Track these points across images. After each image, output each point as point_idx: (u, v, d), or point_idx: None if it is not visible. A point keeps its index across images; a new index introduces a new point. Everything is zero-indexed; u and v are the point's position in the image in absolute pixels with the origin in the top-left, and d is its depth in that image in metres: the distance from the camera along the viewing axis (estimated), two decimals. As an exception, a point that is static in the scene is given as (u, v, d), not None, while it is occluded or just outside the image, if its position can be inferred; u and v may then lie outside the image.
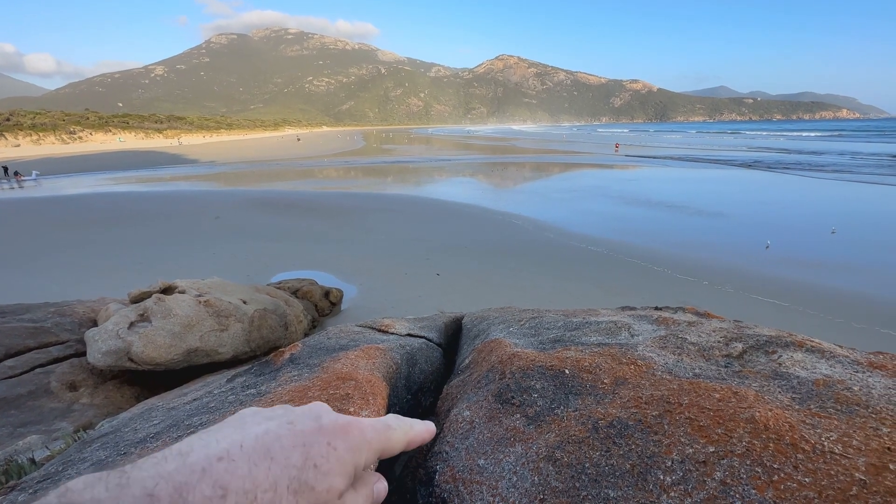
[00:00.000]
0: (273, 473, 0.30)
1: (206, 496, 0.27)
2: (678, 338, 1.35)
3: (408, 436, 0.43)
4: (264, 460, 0.31)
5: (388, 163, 30.60)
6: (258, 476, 0.30)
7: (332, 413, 0.38)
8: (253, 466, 0.30)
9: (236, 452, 0.30)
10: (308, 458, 0.32)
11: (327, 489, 0.33)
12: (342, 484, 0.34)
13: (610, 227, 10.78)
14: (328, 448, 0.34)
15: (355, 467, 0.36)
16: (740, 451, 0.78)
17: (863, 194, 15.21)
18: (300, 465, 0.32)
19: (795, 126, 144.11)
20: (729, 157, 30.35)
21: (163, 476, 0.27)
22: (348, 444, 0.35)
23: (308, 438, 0.34)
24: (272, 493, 0.30)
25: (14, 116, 67.27)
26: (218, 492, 0.27)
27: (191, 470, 0.28)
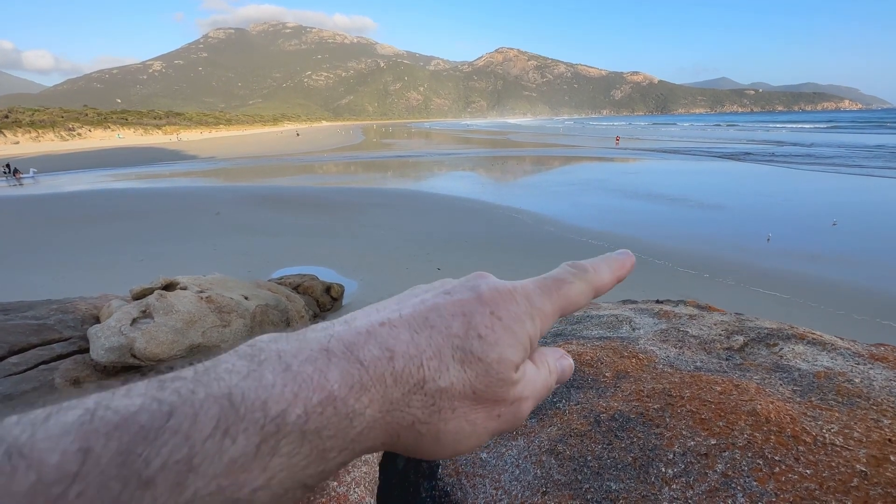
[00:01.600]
0: (435, 341, 0.28)
1: (375, 356, 0.26)
2: (679, 331, 1.35)
3: (593, 283, 0.35)
4: (425, 328, 0.28)
5: (388, 157, 30.52)
6: (421, 343, 0.28)
7: (494, 280, 0.33)
8: (414, 333, 0.28)
9: (396, 319, 0.28)
10: (470, 328, 0.29)
11: (498, 359, 0.29)
12: (515, 356, 0.30)
13: (610, 220, 10.77)
14: (492, 317, 0.30)
15: (529, 337, 0.31)
16: (742, 443, 0.79)
17: (863, 186, 15.16)
18: (462, 335, 0.29)
19: (797, 117, 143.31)
20: (728, 150, 30.23)
21: (334, 335, 0.26)
22: (514, 313, 0.31)
23: (468, 307, 0.30)
24: (437, 361, 0.27)
25: (13, 113, 67.10)
26: (386, 353, 0.26)
27: (357, 332, 0.27)
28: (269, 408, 0.21)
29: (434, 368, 0.27)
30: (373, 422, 0.25)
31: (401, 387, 0.26)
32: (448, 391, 0.28)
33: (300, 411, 0.22)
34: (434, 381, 0.27)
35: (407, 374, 0.26)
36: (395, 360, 0.26)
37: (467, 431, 0.29)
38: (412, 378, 0.27)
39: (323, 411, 0.23)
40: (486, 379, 0.29)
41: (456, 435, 0.28)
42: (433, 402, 0.27)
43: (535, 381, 0.32)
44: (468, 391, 0.28)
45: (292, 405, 0.22)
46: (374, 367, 0.26)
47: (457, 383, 0.28)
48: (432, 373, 0.27)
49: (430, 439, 0.28)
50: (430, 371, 0.27)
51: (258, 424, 0.21)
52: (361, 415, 0.24)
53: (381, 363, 0.26)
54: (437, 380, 0.27)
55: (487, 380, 0.29)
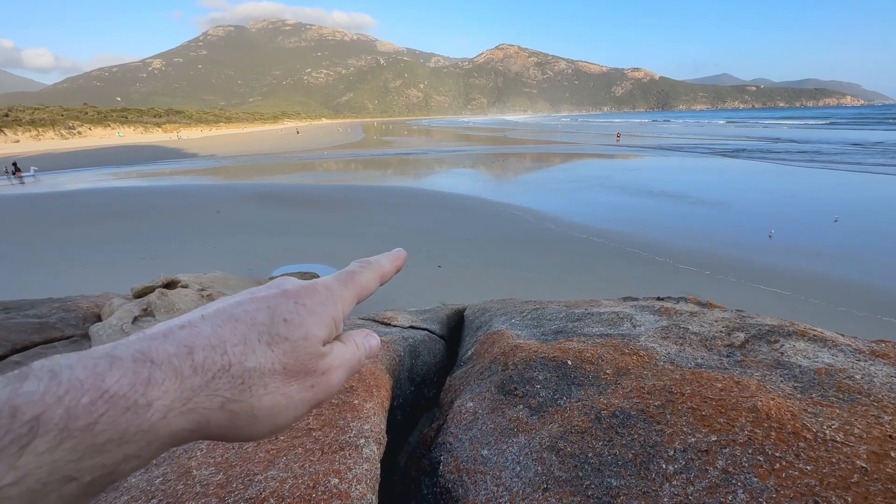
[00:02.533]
0: (240, 331, 0.30)
1: (171, 353, 0.27)
2: (680, 328, 1.35)
3: (377, 272, 0.42)
4: (229, 322, 0.31)
5: (388, 155, 30.47)
6: (224, 334, 0.30)
7: (296, 280, 0.37)
8: (217, 328, 0.30)
9: (197, 321, 0.30)
10: (276, 315, 0.32)
11: (304, 336, 0.32)
12: (321, 332, 0.34)
13: (611, 217, 10.75)
14: (296, 305, 0.33)
15: (333, 318, 0.35)
16: (742, 439, 0.79)
17: (864, 183, 15.12)
18: (268, 322, 0.32)
19: (798, 113, 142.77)
20: (728, 147, 30.14)
21: (121, 343, 0.27)
22: (317, 299, 0.35)
23: (272, 301, 0.33)
24: (243, 346, 0.30)
25: (13, 112, 67.06)
26: (183, 349, 0.28)
27: (150, 337, 0.28)
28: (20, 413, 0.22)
29: (240, 353, 0.29)
30: (166, 411, 0.26)
31: (202, 375, 0.28)
32: (257, 370, 0.30)
33: (61, 412, 0.23)
34: (241, 364, 0.29)
35: (209, 363, 0.28)
36: (194, 354, 0.28)
37: (283, 404, 0.31)
38: (215, 365, 0.28)
39: (94, 409, 0.24)
40: (294, 354, 0.32)
41: (273, 409, 0.31)
42: (242, 381, 0.29)
43: (343, 355, 0.36)
44: (278, 367, 0.31)
45: (52, 407, 0.23)
46: (169, 362, 0.27)
47: (265, 362, 0.30)
48: (238, 357, 0.29)
49: (246, 417, 0.30)
50: (235, 356, 0.29)
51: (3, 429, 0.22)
52: (148, 406, 0.25)
53: (178, 358, 0.27)
54: (244, 362, 0.29)
55: (296, 355, 0.32)
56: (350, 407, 1.08)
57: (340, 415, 1.04)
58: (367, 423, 1.03)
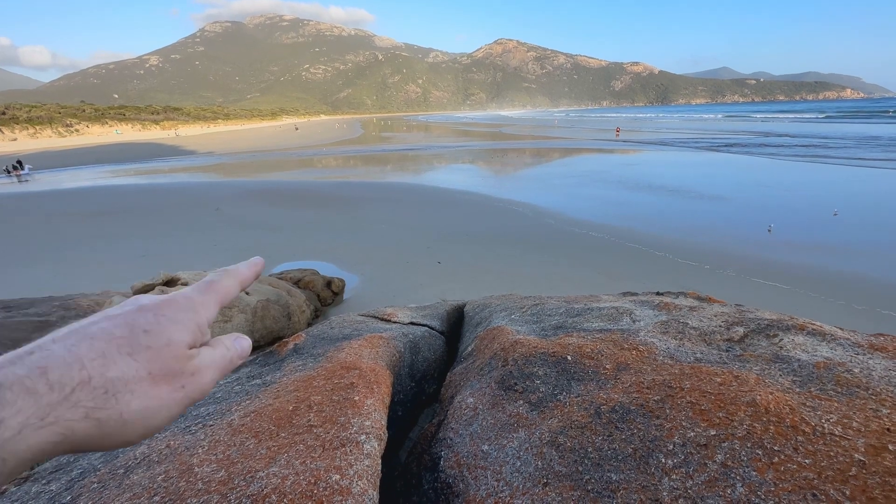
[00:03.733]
0: (97, 347, 0.31)
1: (20, 375, 0.27)
2: (680, 323, 1.35)
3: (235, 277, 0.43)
4: (84, 340, 0.31)
5: (387, 151, 30.39)
6: (80, 351, 0.30)
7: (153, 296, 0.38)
8: (72, 347, 0.30)
9: (48, 344, 0.30)
10: (135, 328, 0.33)
11: (167, 343, 0.33)
12: (184, 337, 0.35)
13: (610, 212, 10.74)
14: (155, 316, 0.34)
15: (196, 324, 0.36)
16: (741, 433, 0.79)
17: (864, 177, 15.10)
18: (127, 335, 0.32)
19: (796, 107, 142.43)
20: (726, 141, 30.07)
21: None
22: (176, 308, 0.36)
23: (129, 317, 0.34)
24: (102, 360, 0.30)
25: (9, 110, 66.73)
26: (35, 371, 0.28)
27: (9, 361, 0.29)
28: None
29: (99, 365, 0.30)
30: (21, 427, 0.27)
31: (60, 391, 0.28)
32: (121, 378, 0.31)
33: None
34: (102, 375, 0.30)
35: (66, 378, 0.29)
36: (48, 373, 0.28)
37: (155, 406, 0.32)
38: (73, 380, 0.29)
39: None
40: (159, 360, 0.33)
41: (144, 412, 0.32)
42: (105, 390, 0.30)
43: (212, 356, 0.37)
44: (143, 374, 0.32)
45: None
46: (20, 383, 0.27)
47: (128, 371, 0.31)
48: (98, 369, 0.30)
49: (114, 423, 0.30)
50: (94, 369, 0.30)
51: None
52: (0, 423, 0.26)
53: (30, 379, 0.28)
54: (105, 373, 0.30)
55: (161, 360, 0.33)
56: (351, 403, 1.08)
57: (341, 411, 1.04)
58: (367, 419, 1.03)
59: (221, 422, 1.10)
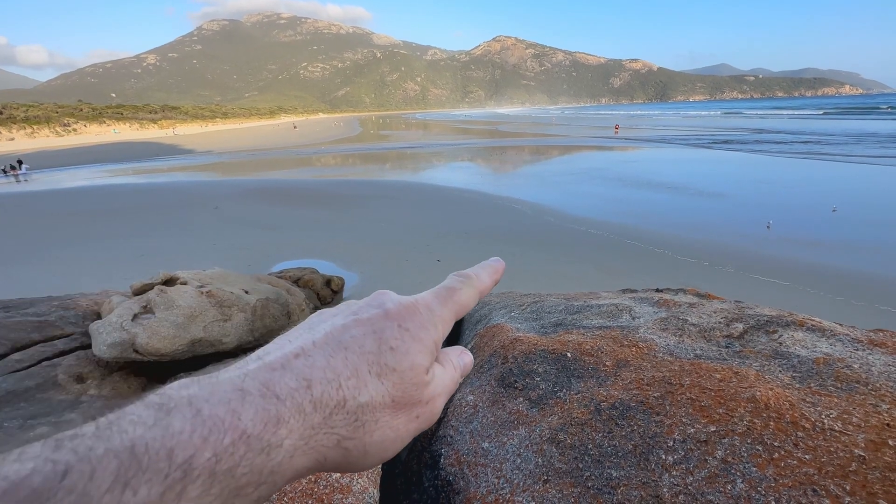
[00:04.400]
0: (351, 362, 0.30)
1: (292, 388, 0.27)
2: (679, 319, 1.35)
3: (477, 287, 0.40)
4: (339, 350, 0.30)
5: (386, 149, 30.35)
6: (337, 366, 0.29)
7: (396, 296, 0.36)
8: (329, 358, 0.30)
9: (310, 348, 0.30)
10: (382, 343, 0.32)
11: (410, 367, 0.32)
12: (425, 360, 0.33)
13: (610, 209, 10.74)
14: (400, 330, 0.33)
15: (434, 342, 0.35)
16: (741, 430, 0.79)
17: (862, 173, 15.11)
18: (376, 350, 0.31)
19: (795, 103, 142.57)
20: (725, 138, 30.06)
21: (248, 374, 0.27)
22: (419, 322, 0.34)
23: (377, 325, 0.33)
24: (356, 380, 0.29)
25: (7, 109, 66.50)
26: (303, 383, 0.28)
27: (271, 367, 0.28)
28: (175, 455, 0.21)
29: (353, 387, 0.29)
30: (293, 450, 0.26)
31: (321, 411, 0.28)
32: (369, 405, 0.30)
33: (209, 454, 0.22)
34: (355, 399, 0.29)
35: (326, 398, 0.28)
36: (312, 388, 0.28)
37: (392, 437, 0.31)
38: (332, 401, 0.28)
39: (235, 451, 0.23)
40: (402, 386, 0.31)
41: (382, 443, 0.31)
42: (356, 418, 0.29)
43: (443, 379, 0.36)
44: (387, 401, 0.31)
45: (201, 449, 0.22)
46: (292, 398, 0.27)
47: (376, 396, 0.30)
48: (352, 391, 0.29)
49: (357, 453, 0.30)
50: (349, 390, 0.29)
51: (162, 473, 0.21)
52: (279, 447, 0.25)
53: (299, 393, 0.27)
54: (358, 397, 0.29)
55: (403, 386, 0.32)
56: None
57: (341, 409, 1.04)
58: (367, 417, 1.03)
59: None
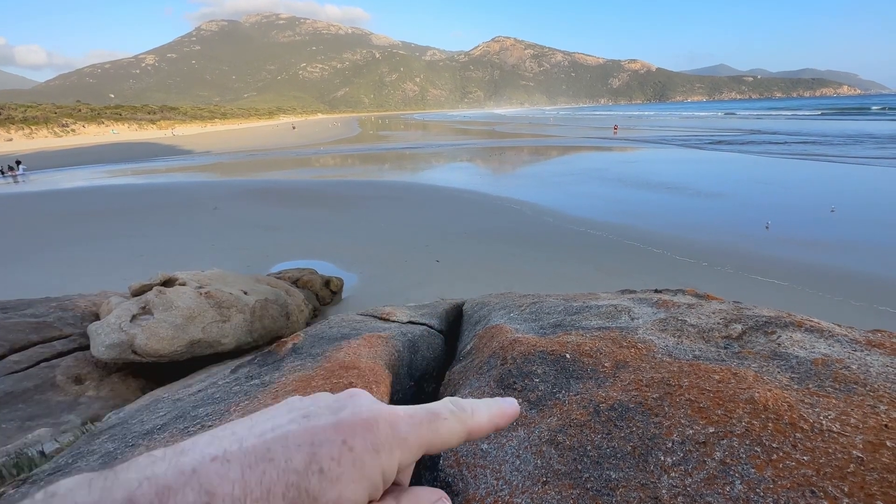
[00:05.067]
0: (268, 478, 0.26)
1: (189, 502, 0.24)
2: (678, 320, 1.36)
3: (467, 424, 0.33)
4: (261, 462, 0.27)
5: (385, 150, 30.36)
6: (250, 481, 0.26)
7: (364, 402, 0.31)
8: (247, 469, 0.26)
9: (233, 452, 0.27)
10: (313, 461, 0.27)
11: (335, 499, 0.27)
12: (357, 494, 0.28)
13: (609, 209, 10.75)
14: (342, 448, 0.28)
15: (382, 471, 0.29)
16: (740, 431, 0.79)
17: (860, 174, 15.15)
18: (301, 470, 0.27)
19: (793, 104, 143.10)
20: (724, 139, 30.12)
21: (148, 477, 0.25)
22: (370, 443, 0.29)
23: (319, 436, 0.28)
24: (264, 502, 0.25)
25: (5, 110, 66.38)
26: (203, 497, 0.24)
27: (180, 471, 0.25)
28: None
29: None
30: None
31: None
32: None
33: None
34: None
35: None
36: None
37: None
38: None
39: None
40: None
41: None
42: None
43: None
44: None
45: None
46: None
47: None
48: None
49: None
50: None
51: None
52: None
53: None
54: None
55: None
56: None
57: (340, 411, 1.04)
58: (366, 418, 1.03)
59: (220, 422, 1.09)
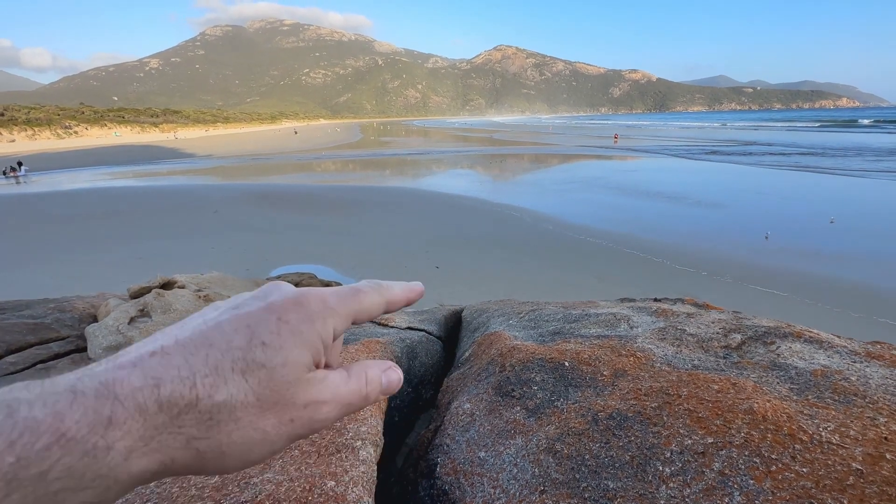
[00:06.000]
0: (213, 359, 0.28)
1: (136, 387, 0.25)
2: (677, 329, 1.35)
3: (385, 296, 0.37)
4: (202, 348, 0.28)
5: (386, 155, 30.47)
6: (195, 363, 0.27)
7: (288, 288, 0.33)
8: (189, 356, 0.28)
9: (170, 346, 0.28)
10: (254, 337, 0.29)
11: (283, 363, 0.29)
12: (303, 357, 0.30)
13: (608, 218, 10.78)
14: (278, 323, 0.30)
15: (320, 338, 0.32)
16: (739, 441, 0.79)
17: (860, 186, 15.21)
18: (244, 346, 0.29)
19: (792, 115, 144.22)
20: (724, 149, 30.27)
21: (87, 374, 0.26)
22: (304, 315, 0.31)
23: (254, 318, 0.30)
24: (213, 377, 0.27)
25: (8, 111, 66.66)
26: (150, 382, 0.26)
27: (119, 366, 0.26)
28: None
29: (209, 385, 0.27)
30: (127, 453, 0.24)
31: (168, 411, 0.26)
32: (227, 404, 0.27)
33: (12, 459, 0.21)
34: (210, 398, 0.27)
35: (176, 397, 0.26)
36: (161, 388, 0.26)
37: (257, 439, 0.29)
38: (182, 400, 0.26)
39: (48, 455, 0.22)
40: (270, 384, 0.29)
41: (243, 445, 0.28)
42: (210, 416, 0.27)
43: (338, 388, 0.32)
44: (251, 399, 0.28)
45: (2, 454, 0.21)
46: (133, 398, 0.25)
47: (237, 394, 0.28)
48: (207, 390, 0.27)
49: (213, 454, 0.28)
50: (204, 388, 0.27)
51: None
52: (108, 449, 0.24)
53: (143, 393, 0.25)
54: (213, 396, 0.27)
55: (272, 384, 0.29)
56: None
57: (337, 417, 1.04)
58: (363, 425, 1.02)
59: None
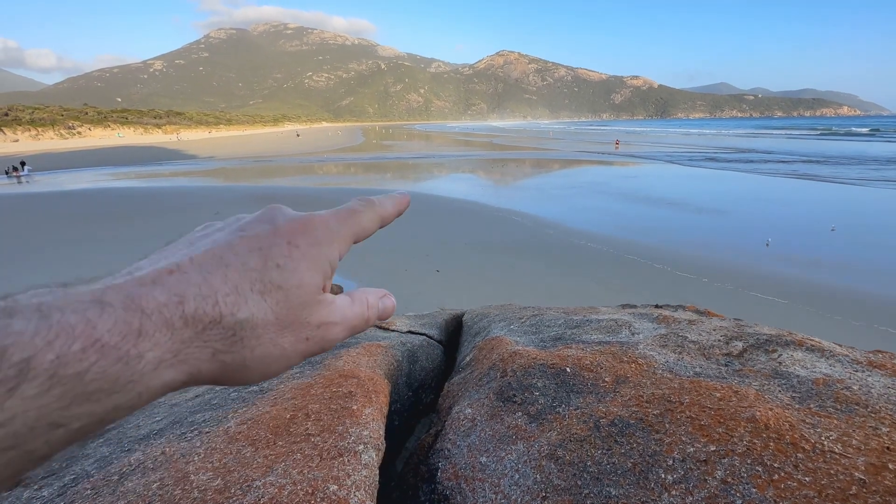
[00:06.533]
0: (231, 279, 0.29)
1: (161, 302, 0.26)
2: (679, 336, 1.35)
3: (378, 212, 0.40)
4: (219, 268, 0.29)
5: (388, 159, 30.55)
6: (215, 282, 0.28)
7: (289, 212, 0.35)
8: (207, 275, 0.29)
9: (186, 265, 0.29)
10: (268, 260, 0.31)
11: (298, 285, 0.31)
12: (315, 279, 0.32)
13: (610, 223, 10.78)
14: (289, 247, 0.32)
15: (328, 261, 0.34)
16: (741, 450, 0.79)
17: (861, 194, 15.22)
18: (261, 268, 0.30)
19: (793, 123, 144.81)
20: (725, 157, 30.32)
21: (111, 287, 0.26)
22: (312, 239, 0.33)
23: (264, 242, 0.31)
24: (235, 297, 0.29)
25: (12, 111, 66.98)
26: (174, 298, 0.27)
27: (140, 283, 0.27)
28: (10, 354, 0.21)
29: (231, 303, 0.29)
30: (157, 363, 0.26)
31: (193, 327, 0.27)
32: (249, 321, 0.29)
33: (52, 357, 0.22)
34: (233, 315, 0.28)
35: (200, 314, 0.27)
36: (185, 304, 0.27)
37: (276, 355, 0.31)
38: (206, 317, 0.28)
39: (85, 357, 0.23)
40: (287, 304, 0.31)
41: (264, 359, 0.30)
42: (233, 333, 0.29)
43: (345, 310, 0.35)
44: (270, 318, 0.30)
45: (43, 351, 0.22)
46: (159, 313, 0.26)
47: (258, 313, 0.29)
48: (230, 308, 0.28)
49: (236, 366, 0.29)
50: (226, 307, 0.28)
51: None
52: (140, 358, 0.25)
53: (168, 308, 0.26)
54: (236, 313, 0.29)
55: (289, 305, 0.31)
56: (349, 412, 1.08)
57: (339, 420, 1.04)
58: (365, 428, 1.02)
59: (218, 429, 1.09)
